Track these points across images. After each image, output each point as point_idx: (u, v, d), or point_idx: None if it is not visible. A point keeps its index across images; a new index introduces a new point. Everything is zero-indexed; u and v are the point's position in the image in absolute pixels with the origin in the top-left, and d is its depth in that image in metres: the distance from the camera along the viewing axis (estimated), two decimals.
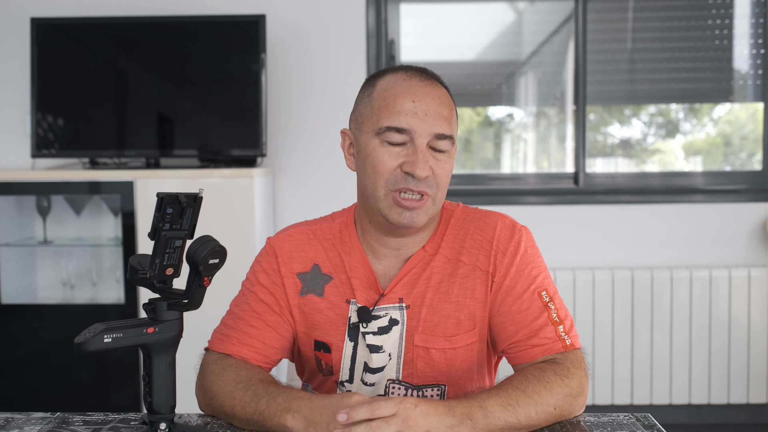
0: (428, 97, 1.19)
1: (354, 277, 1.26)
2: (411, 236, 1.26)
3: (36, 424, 1.14)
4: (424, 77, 1.22)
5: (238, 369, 1.19)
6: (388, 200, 1.19)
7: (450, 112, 1.21)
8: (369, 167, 1.20)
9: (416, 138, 1.18)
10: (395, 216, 1.19)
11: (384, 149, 1.19)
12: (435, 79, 1.24)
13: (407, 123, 1.17)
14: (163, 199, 0.97)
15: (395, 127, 1.17)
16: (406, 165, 1.17)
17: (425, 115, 1.18)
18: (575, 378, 1.15)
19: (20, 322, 2.91)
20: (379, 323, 1.24)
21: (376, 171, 1.19)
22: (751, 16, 3.26)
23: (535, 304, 1.22)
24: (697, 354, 3.12)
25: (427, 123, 1.17)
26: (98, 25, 3.01)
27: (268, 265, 1.30)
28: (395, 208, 1.19)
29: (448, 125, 1.20)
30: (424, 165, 1.16)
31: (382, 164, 1.19)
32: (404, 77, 1.22)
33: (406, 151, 1.18)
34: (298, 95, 3.21)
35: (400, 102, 1.18)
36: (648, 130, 3.47)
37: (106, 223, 3.14)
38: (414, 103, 1.18)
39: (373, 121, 1.20)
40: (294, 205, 3.21)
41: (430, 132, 1.18)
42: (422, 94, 1.19)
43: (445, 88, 1.24)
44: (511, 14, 3.37)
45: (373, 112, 1.21)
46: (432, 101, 1.19)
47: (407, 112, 1.18)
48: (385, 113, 1.19)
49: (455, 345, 1.24)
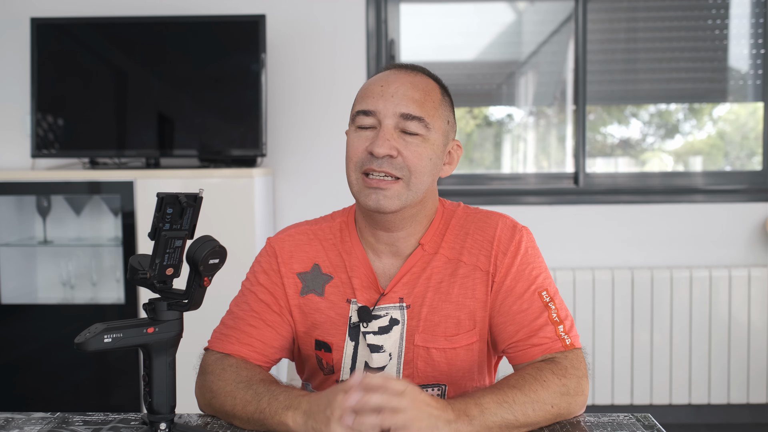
0: (398, 81, 1.21)
1: (354, 276, 1.26)
2: (399, 230, 1.25)
3: (36, 424, 1.14)
4: (404, 68, 1.25)
5: (238, 369, 1.19)
6: (359, 184, 1.21)
7: (423, 96, 1.21)
8: (346, 155, 1.23)
9: (383, 119, 1.19)
10: (364, 198, 1.20)
11: (355, 134, 1.21)
12: (418, 70, 1.25)
13: (373, 105, 1.20)
14: (163, 199, 0.97)
15: (363, 109, 1.20)
16: (370, 145, 1.19)
17: (392, 96, 1.19)
18: (573, 377, 1.15)
19: (20, 322, 2.91)
20: (379, 323, 1.24)
21: (348, 156, 1.22)
22: (751, 16, 3.26)
23: (535, 304, 1.22)
24: (697, 354, 3.12)
25: (392, 103, 1.19)
26: (98, 25, 3.01)
27: (268, 265, 1.30)
28: (364, 190, 1.20)
29: (417, 106, 1.19)
30: (382, 142, 1.17)
31: (352, 148, 1.21)
32: (388, 71, 1.25)
33: (375, 134, 1.20)
34: (298, 95, 3.21)
35: (371, 88, 1.22)
36: (647, 130, 3.47)
37: (106, 223, 3.14)
38: (382, 87, 1.21)
39: (352, 112, 1.24)
40: (294, 205, 3.21)
41: (395, 111, 1.19)
42: (393, 79, 1.22)
43: (432, 79, 1.25)
44: (511, 14, 3.37)
45: (354, 103, 1.25)
46: (401, 85, 1.21)
47: (375, 95, 1.21)
48: (359, 100, 1.23)
49: (455, 345, 1.24)
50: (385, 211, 1.19)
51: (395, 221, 1.23)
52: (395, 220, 1.23)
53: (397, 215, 1.22)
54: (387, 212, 1.20)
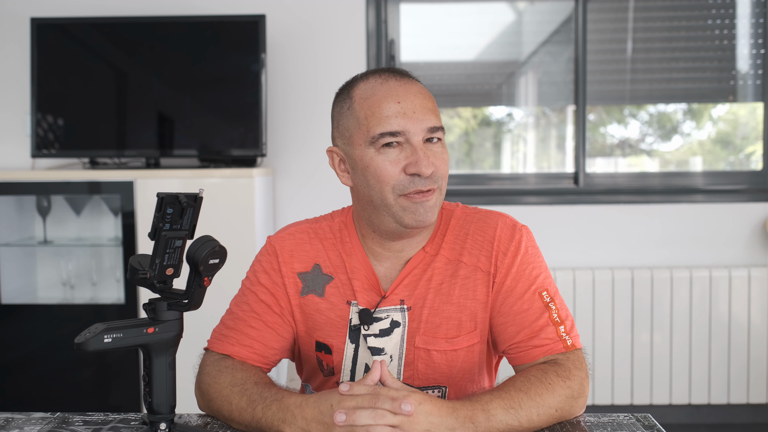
0: (410, 94, 1.19)
1: (355, 278, 1.26)
2: (414, 237, 1.25)
3: (36, 424, 1.14)
4: (399, 76, 1.22)
5: (233, 371, 1.19)
6: (399, 205, 1.18)
7: (434, 104, 1.22)
8: (371, 178, 1.18)
9: (411, 138, 1.17)
10: (410, 219, 1.18)
11: (382, 157, 1.17)
12: (408, 75, 1.24)
13: (399, 125, 1.16)
14: (163, 199, 0.96)
15: (389, 131, 1.16)
16: (410, 167, 1.16)
17: (414, 113, 1.17)
18: (576, 379, 1.15)
19: (20, 322, 2.91)
20: (380, 325, 1.24)
21: (380, 180, 1.17)
22: (751, 15, 3.26)
23: (536, 304, 1.22)
24: (697, 354, 3.11)
25: (418, 120, 1.17)
26: (98, 25, 3.01)
27: (269, 265, 1.29)
28: (409, 207, 1.18)
29: (436, 117, 1.20)
30: (427, 163, 1.16)
31: (385, 172, 1.17)
32: (380, 81, 1.20)
33: (405, 153, 1.17)
34: (298, 95, 3.21)
35: (386, 106, 1.17)
36: (647, 130, 3.47)
37: (106, 223, 3.14)
38: (400, 104, 1.17)
39: (363, 132, 1.18)
40: (294, 205, 3.21)
41: (423, 128, 1.18)
42: (404, 92, 1.19)
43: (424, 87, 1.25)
44: (511, 14, 3.37)
45: (361, 123, 1.19)
46: (416, 97, 1.19)
47: (396, 115, 1.17)
48: (374, 121, 1.17)
49: (456, 346, 1.24)
50: (426, 225, 1.20)
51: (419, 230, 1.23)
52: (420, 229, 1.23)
53: None
54: (427, 225, 1.20)
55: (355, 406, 1.01)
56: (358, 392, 1.02)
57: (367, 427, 0.99)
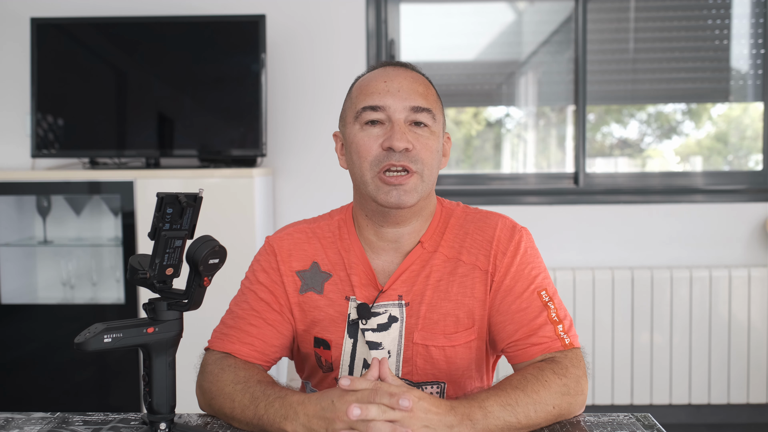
0: (400, 76, 1.23)
1: (353, 273, 1.26)
2: (406, 225, 1.26)
3: (36, 424, 1.14)
4: (398, 64, 1.27)
5: (236, 369, 1.19)
6: (375, 182, 1.21)
7: (426, 90, 1.24)
8: (354, 154, 1.23)
9: (393, 114, 1.20)
10: (383, 196, 1.20)
11: (364, 132, 1.21)
12: (412, 68, 1.27)
13: (381, 100, 1.20)
14: (163, 199, 0.97)
15: (370, 105, 1.21)
16: (385, 141, 1.19)
17: (398, 91, 1.21)
18: (573, 377, 1.15)
19: (20, 322, 2.91)
20: (378, 320, 1.25)
21: (359, 155, 1.21)
22: (751, 15, 3.26)
23: (534, 303, 1.22)
24: (697, 354, 3.12)
25: (401, 98, 1.20)
26: (98, 25, 3.01)
27: (267, 264, 1.30)
28: (383, 187, 1.20)
29: (424, 99, 1.22)
30: (401, 136, 1.18)
31: (365, 146, 1.21)
32: (380, 68, 1.27)
33: (385, 130, 1.21)
34: (298, 95, 3.21)
35: (374, 84, 1.23)
36: (647, 130, 3.47)
37: (106, 223, 3.14)
38: (386, 82, 1.22)
39: (352, 110, 1.24)
40: (294, 205, 3.21)
41: (405, 106, 1.20)
42: (394, 74, 1.23)
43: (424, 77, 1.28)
44: (511, 14, 3.37)
45: (351, 102, 1.25)
46: (404, 80, 1.23)
47: (380, 91, 1.22)
48: (361, 98, 1.23)
49: (454, 342, 1.25)
50: (405, 206, 1.21)
51: (407, 215, 1.25)
52: (407, 215, 1.25)
53: (411, 209, 1.24)
54: (406, 207, 1.21)
55: (355, 401, 1.01)
56: (359, 387, 1.03)
57: (367, 422, 0.99)
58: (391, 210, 1.22)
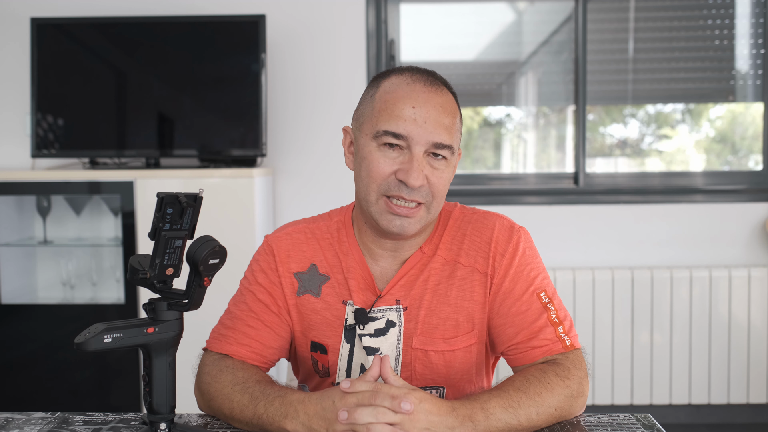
0: (429, 104, 1.16)
1: (351, 278, 1.25)
2: (407, 240, 1.25)
3: (36, 424, 1.14)
4: (428, 82, 1.19)
5: (234, 370, 1.19)
6: (379, 205, 1.18)
7: (452, 121, 1.18)
8: (364, 170, 1.19)
9: (413, 146, 1.15)
10: (385, 222, 1.18)
11: (380, 153, 1.17)
12: (441, 84, 1.21)
13: (405, 129, 1.15)
14: (163, 199, 0.96)
15: (392, 131, 1.15)
16: (401, 173, 1.15)
17: (424, 122, 1.15)
18: (575, 378, 1.15)
19: (20, 322, 2.91)
20: (375, 325, 1.24)
21: (370, 175, 1.17)
22: (751, 15, 3.26)
23: (534, 305, 1.22)
24: (697, 354, 3.11)
25: (425, 131, 1.15)
26: (98, 25, 3.01)
27: (266, 265, 1.29)
28: (386, 214, 1.18)
29: (448, 134, 1.17)
30: (418, 174, 1.14)
31: (377, 169, 1.17)
32: (408, 80, 1.19)
33: (402, 158, 1.16)
34: (298, 95, 3.21)
35: (400, 107, 1.16)
36: (646, 130, 3.47)
37: (106, 223, 3.14)
38: (414, 109, 1.15)
39: (372, 124, 1.18)
40: (294, 205, 3.21)
41: (428, 140, 1.15)
42: (424, 100, 1.16)
43: (451, 93, 1.22)
44: (511, 14, 3.37)
45: (374, 114, 1.18)
46: (433, 108, 1.16)
47: (406, 118, 1.15)
48: (384, 116, 1.16)
49: (454, 347, 1.24)
50: (406, 235, 1.20)
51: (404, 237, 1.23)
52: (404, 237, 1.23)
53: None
54: (407, 236, 1.20)
55: (356, 403, 1.01)
56: (359, 389, 1.02)
57: (367, 424, 0.99)
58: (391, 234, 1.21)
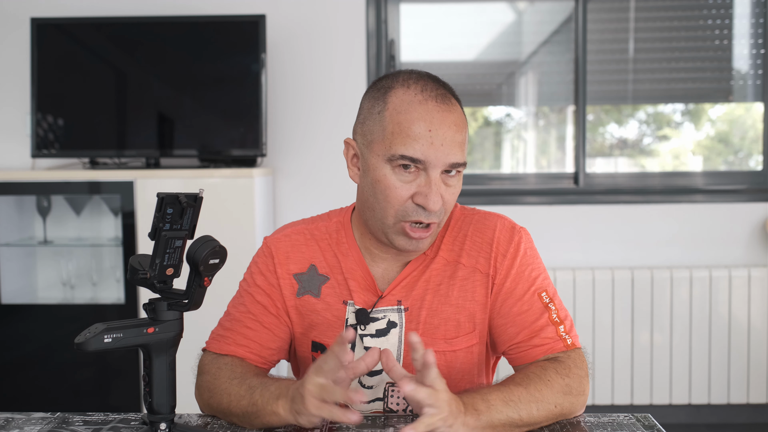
0: (445, 125, 1.14)
1: (351, 278, 1.25)
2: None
3: (36, 424, 1.14)
4: (440, 98, 1.16)
5: (233, 367, 1.19)
6: (396, 228, 1.17)
7: (464, 136, 1.18)
8: (380, 194, 1.16)
9: (430, 169, 1.14)
10: (402, 243, 1.18)
11: (396, 177, 1.15)
12: (450, 97, 1.19)
13: (422, 153, 1.12)
14: (163, 200, 0.96)
15: (410, 157, 1.13)
16: (418, 197, 1.14)
17: (441, 145, 1.13)
18: (576, 377, 1.15)
19: (20, 322, 2.91)
20: (377, 325, 1.24)
21: (387, 200, 1.16)
22: (751, 15, 3.26)
23: (535, 305, 1.22)
24: (697, 354, 3.12)
25: (442, 153, 1.13)
26: (98, 25, 3.01)
27: (265, 266, 1.29)
28: (402, 237, 1.18)
29: (462, 151, 1.16)
30: (436, 198, 1.14)
31: (395, 194, 1.15)
32: (420, 98, 1.15)
33: (419, 181, 1.14)
34: (298, 95, 3.21)
35: (416, 130, 1.13)
36: (646, 130, 3.47)
37: (106, 223, 3.14)
38: (430, 132, 1.12)
39: (386, 146, 1.15)
40: (294, 205, 3.21)
41: (445, 162, 1.14)
42: (439, 121, 1.13)
43: (459, 104, 1.20)
44: (511, 14, 3.37)
45: (386, 135, 1.15)
46: (448, 129, 1.14)
47: (423, 142, 1.12)
48: (399, 140, 1.13)
49: (455, 347, 1.24)
50: (418, 253, 1.22)
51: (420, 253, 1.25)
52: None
53: None
54: (418, 253, 1.22)
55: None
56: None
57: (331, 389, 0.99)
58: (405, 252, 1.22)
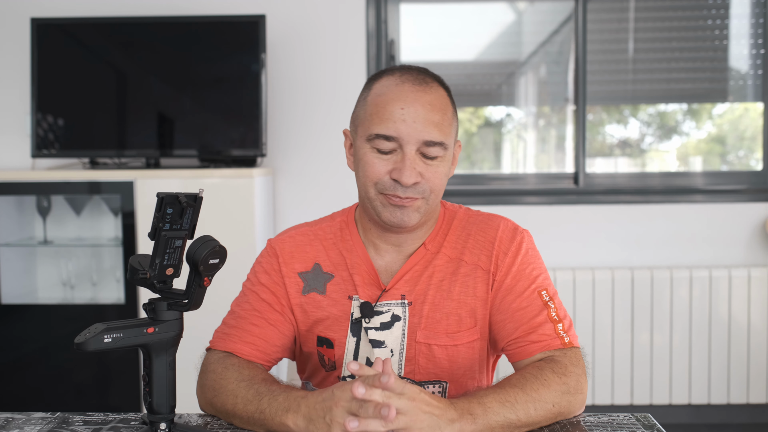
0: (418, 102, 1.19)
1: (356, 273, 1.28)
2: (410, 233, 1.28)
3: (36, 424, 1.14)
4: (417, 81, 1.21)
5: (240, 368, 1.20)
6: (379, 199, 1.22)
7: (442, 117, 1.21)
8: (361, 171, 1.23)
9: (404, 145, 1.19)
10: (387, 215, 1.21)
11: (374, 155, 1.21)
12: (431, 81, 1.23)
13: (395, 130, 1.18)
14: (163, 199, 0.97)
15: (383, 134, 1.19)
16: (395, 172, 1.19)
17: (413, 122, 1.18)
18: (573, 376, 1.16)
19: (20, 322, 2.91)
20: (381, 318, 1.26)
21: (366, 175, 1.22)
22: (751, 16, 3.27)
23: (534, 302, 1.24)
24: (697, 354, 3.12)
25: (415, 130, 1.18)
26: (98, 25, 3.01)
27: (269, 266, 1.31)
28: (387, 207, 1.21)
29: (439, 131, 1.19)
30: (410, 172, 1.18)
31: (372, 170, 1.21)
32: (397, 81, 1.21)
33: (396, 158, 1.20)
34: (297, 95, 3.21)
35: (390, 109, 1.19)
36: (647, 130, 3.47)
37: (106, 223, 3.14)
38: (403, 110, 1.18)
39: (365, 127, 1.22)
40: (294, 205, 3.21)
41: (419, 139, 1.18)
42: (412, 99, 1.19)
43: (443, 89, 1.24)
44: (511, 14, 3.37)
45: (366, 117, 1.22)
46: (422, 107, 1.19)
47: (396, 119, 1.18)
48: (376, 120, 1.20)
49: (457, 342, 1.26)
50: (406, 227, 1.23)
51: (406, 229, 1.26)
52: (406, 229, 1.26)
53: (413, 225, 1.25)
54: (407, 227, 1.23)
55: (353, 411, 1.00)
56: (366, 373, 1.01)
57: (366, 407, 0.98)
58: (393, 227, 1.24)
